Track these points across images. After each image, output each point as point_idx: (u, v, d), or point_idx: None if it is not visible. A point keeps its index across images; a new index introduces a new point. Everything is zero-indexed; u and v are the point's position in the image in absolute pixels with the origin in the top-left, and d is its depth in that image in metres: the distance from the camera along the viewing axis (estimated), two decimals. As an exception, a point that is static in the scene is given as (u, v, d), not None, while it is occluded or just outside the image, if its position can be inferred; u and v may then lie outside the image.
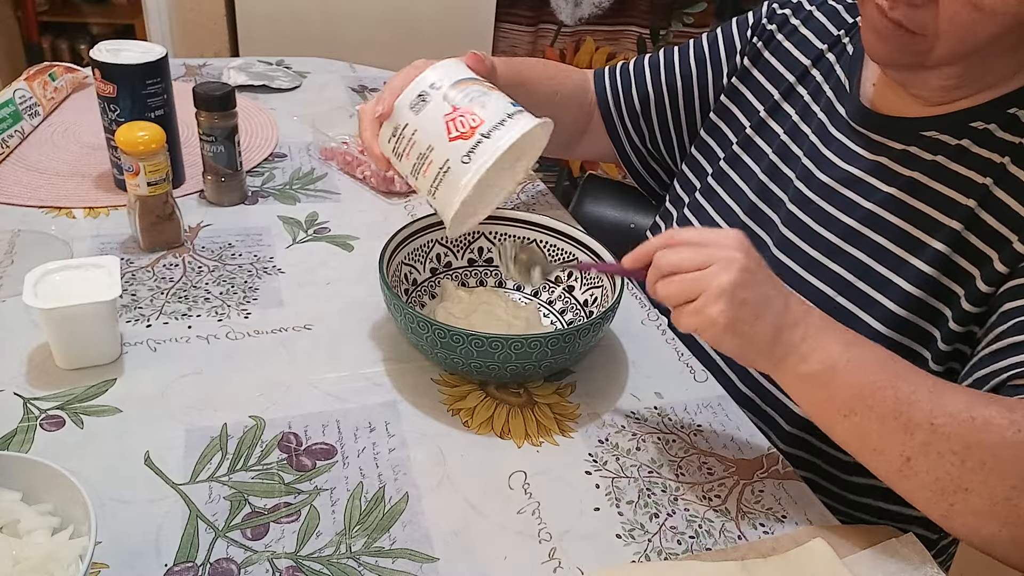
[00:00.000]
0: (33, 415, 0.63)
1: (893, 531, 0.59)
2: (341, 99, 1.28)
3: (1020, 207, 0.62)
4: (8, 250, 0.82)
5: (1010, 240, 0.62)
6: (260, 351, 0.72)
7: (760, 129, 0.83)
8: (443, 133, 0.58)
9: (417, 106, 0.60)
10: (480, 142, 0.57)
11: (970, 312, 0.64)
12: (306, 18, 2.13)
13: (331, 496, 0.59)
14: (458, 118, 0.58)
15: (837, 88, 0.77)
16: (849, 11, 0.81)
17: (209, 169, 0.93)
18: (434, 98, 0.60)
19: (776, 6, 0.86)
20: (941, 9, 0.58)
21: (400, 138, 0.61)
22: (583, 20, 2.40)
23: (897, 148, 0.69)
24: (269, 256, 0.86)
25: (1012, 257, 0.62)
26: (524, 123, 0.58)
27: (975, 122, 0.65)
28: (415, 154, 0.60)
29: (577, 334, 0.65)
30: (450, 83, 0.61)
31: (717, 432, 0.69)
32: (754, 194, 0.81)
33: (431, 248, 0.80)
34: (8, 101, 1.03)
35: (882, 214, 0.69)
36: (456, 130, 0.58)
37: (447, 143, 0.58)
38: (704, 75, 0.90)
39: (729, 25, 0.90)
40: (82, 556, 0.46)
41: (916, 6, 0.59)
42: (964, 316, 0.65)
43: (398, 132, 0.62)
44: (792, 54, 0.82)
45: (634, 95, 0.93)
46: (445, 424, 0.67)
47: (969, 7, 0.56)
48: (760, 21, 0.87)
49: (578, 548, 0.57)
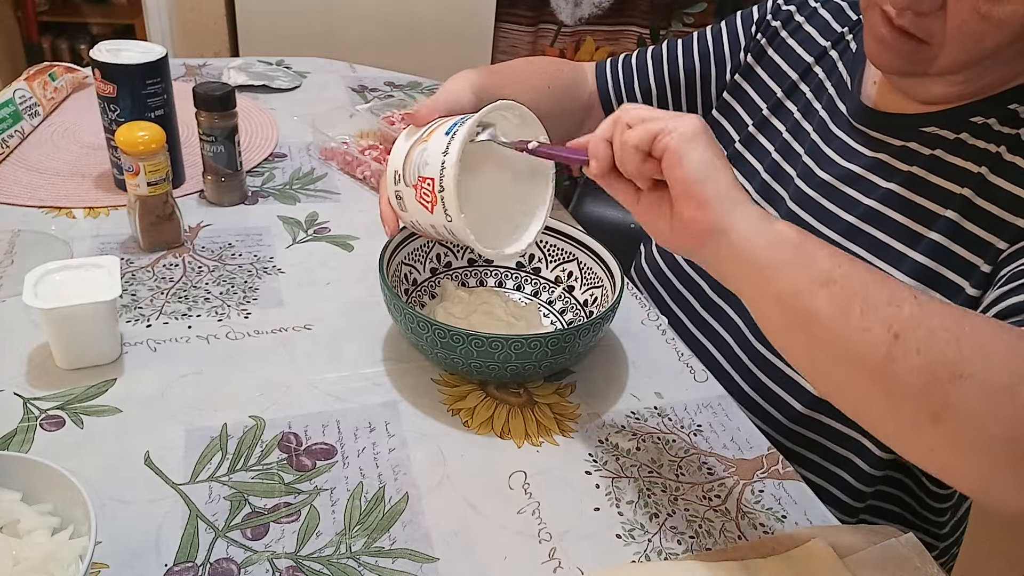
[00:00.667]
0: (33, 415, 0.63)
1: (893, 531, 0.59)
2: (341, 99, 1.28)
3: (1019, 190, 0.62)
4: (8, 250, 0.82)
5: (1010, 222, 0.62)
6: (260, 351, 0.72)
7: (763, 126, 0.83)
8: (426, 212, 0.62)
9: (400, 203, 0.65)
10: (443, 198, 0.60)
11: (977, 297, 0.64)
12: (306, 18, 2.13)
13: (331, 496, 0.59)
14: (421, 192, 0.61)
15: (839, 85, 0.77)
16: (853, 8, 0.80)
17: (209, 169, 0.93)
18: (403, 191, 0.64)
19: (781, 2, 0.86)
20: (949, 18, 0.58)
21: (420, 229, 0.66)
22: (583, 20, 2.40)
23: (896, 144, 0.69)
24: (269, 256, 0.86)
25: (1015, 234, 0.61)
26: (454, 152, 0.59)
27: (975, 117, 0.65)
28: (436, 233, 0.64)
29: (577, 334, 0.65)
30: (402, 163, 0.64)
31: (717, 432, 0.69)
32: (756, 192, 0.81)
33: (431, 248, 0.80)
34: (8, 101, 1.03)
35: (882, 210, 0.69)
36: (428, 202, 0.61)
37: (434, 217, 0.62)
38: (707, 69, 0.90)
39: (733, 20, 0.89)
40: (82, 556, 0.46)
41: (924, 14, 0.58)
42: (971, 302, 0.64)
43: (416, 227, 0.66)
44: (796, 51, 0.82)
45: (636, 88, 0.93)
46: (445, 424, 0.67)
47: (977, 17, 0.56)
48: (765, 17, 0.86)
49: (578, 548, 0.57)
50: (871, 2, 0.63)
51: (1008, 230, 0.62)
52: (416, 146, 0.63)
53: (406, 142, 0.65)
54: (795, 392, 0.73)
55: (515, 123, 0.64)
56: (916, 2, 0.58)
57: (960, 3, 0.57)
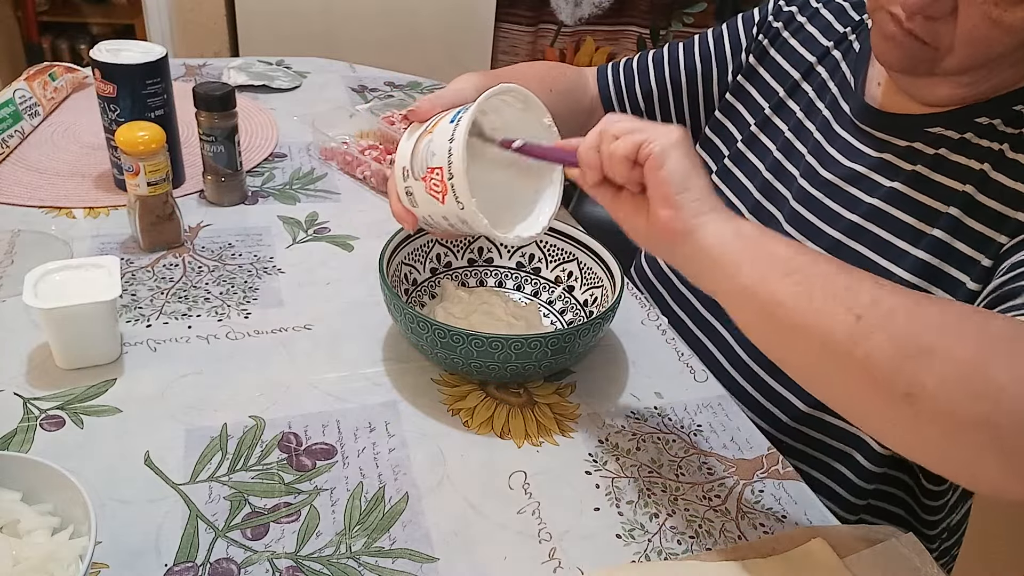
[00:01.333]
0: (33, 415, 0.63)
1: (893, 531, 0.59)
2: (341, 99, 1.28)
3: (1019, 185, 0.62)
4: (8, 250, 0.82)
5: (1011, 217, 0.62)
6: (260, 351, 0.72)
7: (765, 126, 0.83)
8: (437, 203, 0.62)
9: (411, 199, 0.64)
10: (452, 186, 0.60)
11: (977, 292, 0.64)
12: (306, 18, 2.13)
13: (331, 496, 0.59)
14: (431, 184, 0.61)
15: (842, 86, 0.77)
16: (856, 9, 0.80)
17: (209, 169, 0.93)
18: (412, 187, 0.63)
19: (783, 3, 0.86)
20: (959, 23, 0.58)
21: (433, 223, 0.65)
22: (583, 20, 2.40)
23: (901, 144, 0.69)
24: (269, 256, 0.86)
25: (1016, 228, 0.62)
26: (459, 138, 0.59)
27: (980, 117, 0.65)
28: (449, 225, 0.64)
29: (577, 334, 0.65)
30: (410, 157, 0.64)
31: (717, 432, 0.69)
32: (758, 191, 0.81)
33: (431, 248, 0.80)
34: (8, 101, 1.03)
35: (885, 208, 0.69)
36: (438, 192, 0.61)
37: (446, 207, 0.61)
38: (709, 71, 0.90)
39: (734, 22, 0.90)
40: (82, 556, 0.46)
41: (934, 19, 0.58)
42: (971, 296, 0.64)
43: (428, 222, 0.65)
44: (798, 52, 0.82)
45: (637, 91, 0.93)
46: (445, 424, 0.67)
47: (988, 22, 0.56)
48: (766, 18, 0.86)
49: (578, 548, 0.57)
50: (879, 4, 0.63)
51: (1009, 225, 0.62)
52: (422, 139, 0.63)
53: (410, 139, 0.65)
54: (797, 391, 0.73)
55: (518, 107, 0.63)
56: (927, 6, 0.58)
57: (971, 8, 0.57)
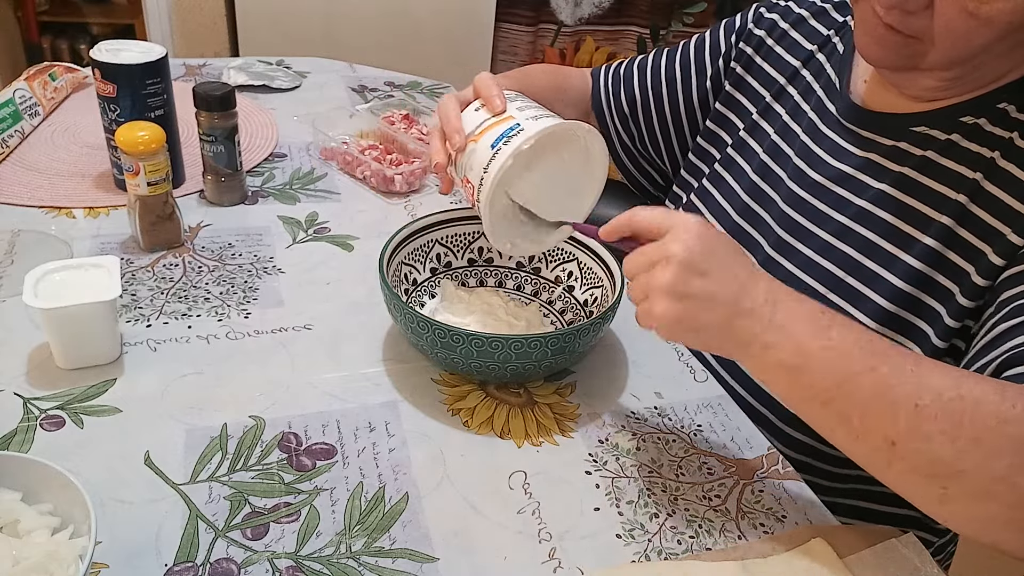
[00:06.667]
0: (33, 415, 0.63)
1: (893, 531, 0.59)
2: (341, 99, 1.28)
3: (1012, 200, 0.62)
4: (8, 250, 0.82)
5: (1003, 233, 0.62)
6: (260, 351, 0.72)
7: (752, 131, 0.84)
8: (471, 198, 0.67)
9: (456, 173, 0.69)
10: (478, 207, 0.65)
11: (966, 307, 0.64)
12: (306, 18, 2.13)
13: (331, 496, 0.59)
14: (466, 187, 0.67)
15: (827, 87, 0.77)
16: (838, 10, 0.81)
17: (209, 169, 0.93)
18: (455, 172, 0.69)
19: (764, 10, 0.87)
20: (937, 16, 0.58)
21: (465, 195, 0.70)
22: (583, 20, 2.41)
23: (887, 144, 0.70)
24: (269, 256, 0.86)
25: (1007, 249, 0.62)
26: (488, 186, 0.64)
27: (964, 117, 0.65)
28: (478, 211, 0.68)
29: (577, 334, 0.65)
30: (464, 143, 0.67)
31: (717, 432, 0.69)
32: (746, 194, 0.82)
33: (431, 248, 0.80)
34: (8, 101, 1.03)
35: (873, 210, 0.69)
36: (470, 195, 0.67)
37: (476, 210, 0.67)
38: (688, 79, 0.91)
39: (716, 28, 0.91)
40: (82, 556, 0.46)
41: (911, 13, 0.59)
42: (960, 311, 0.65)
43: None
44: (783, 57, 0.83)
45: (623, 97, 0.95)
46: (445, 424, 0.67)
47: (965, 15, 0.56)
48: (746, 26, 0.87)
49: (578, 548, 0.57)
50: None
51: (999, 241, 0.62)
52: (469, 142, 0.66)
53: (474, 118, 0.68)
54: None
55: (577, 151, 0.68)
56: (903, 1, 0.58)
57: (946, 1, 0.57)
